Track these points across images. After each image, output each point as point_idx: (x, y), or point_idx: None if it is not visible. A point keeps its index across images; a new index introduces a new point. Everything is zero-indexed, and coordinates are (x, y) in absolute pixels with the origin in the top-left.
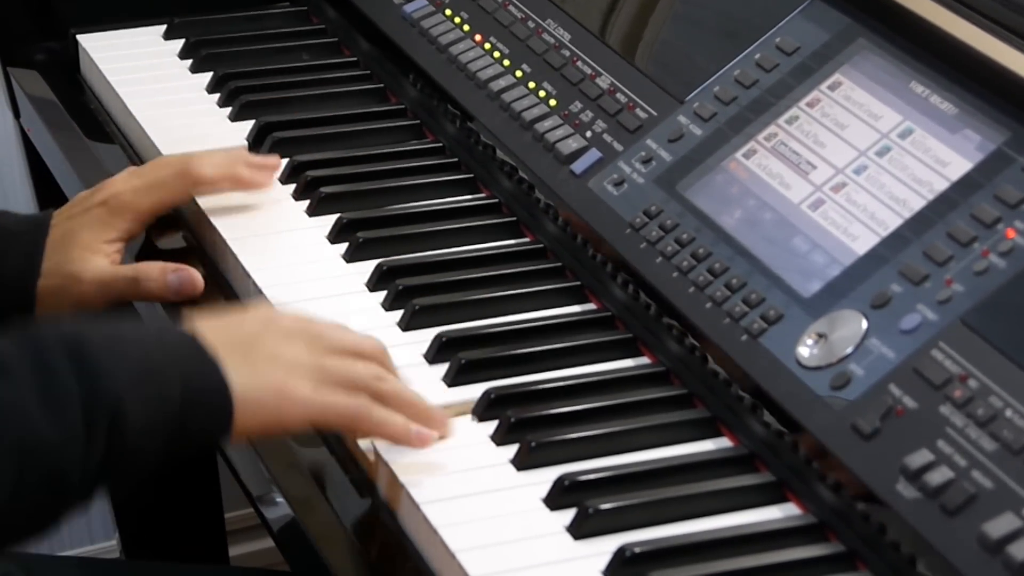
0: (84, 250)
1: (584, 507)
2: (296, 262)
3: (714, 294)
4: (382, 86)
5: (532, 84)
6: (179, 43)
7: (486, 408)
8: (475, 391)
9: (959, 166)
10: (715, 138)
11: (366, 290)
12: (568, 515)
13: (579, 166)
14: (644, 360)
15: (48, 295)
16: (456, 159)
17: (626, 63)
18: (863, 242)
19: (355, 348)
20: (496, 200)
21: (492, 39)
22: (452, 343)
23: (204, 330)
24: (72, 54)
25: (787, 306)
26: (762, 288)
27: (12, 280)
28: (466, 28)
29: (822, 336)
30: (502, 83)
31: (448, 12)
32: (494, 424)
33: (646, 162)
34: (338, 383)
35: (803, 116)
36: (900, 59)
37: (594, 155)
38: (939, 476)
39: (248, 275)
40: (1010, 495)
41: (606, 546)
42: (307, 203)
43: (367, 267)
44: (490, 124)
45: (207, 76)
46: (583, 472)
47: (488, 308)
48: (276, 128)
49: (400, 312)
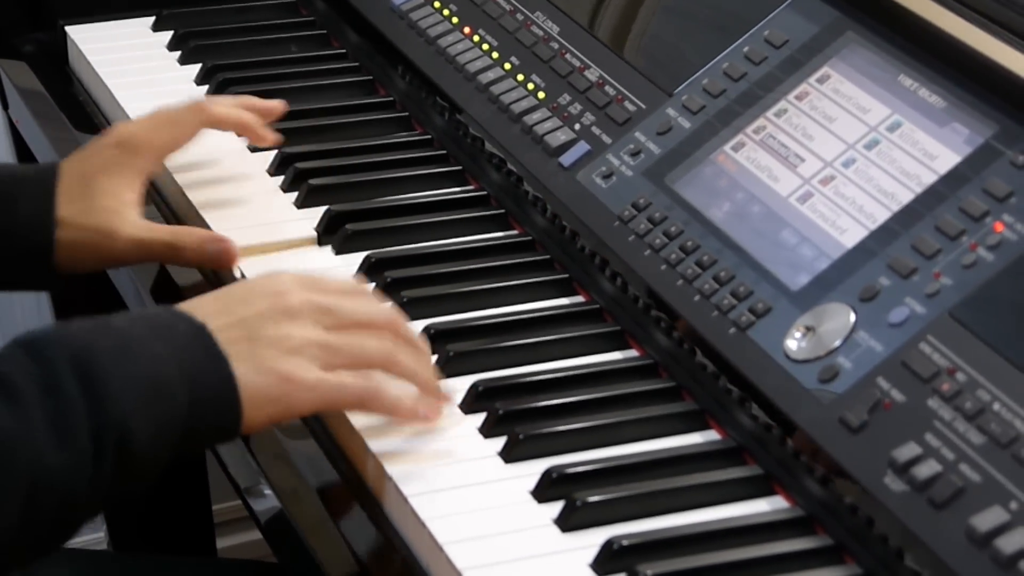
0: (111, 199)
1: (572, 500)
2: (284, 254)
3: (702, 287)
4: (371, 78)
5: (521, 76)
6: (168, 34)
7: (474, 400)
8: (463, 383)
9: (947, 159)
10: (704, 131)
11: None
12: (556, 508)
13: (568, 158)
14: (632, 353)
15: (77, 249)
16: (445, 151)
17: (615, 56)
18: (851, 235)
19: (366, 320)
20: (485, 192)
21: (481, 31)
22: (440, 335)
23: (210, 313)
24: (60, 45)
25: (775, 299)
26: (750, 281)
27: (25, 226)
28: (455, 20)
29: (810, 329)
30: (491, 75)
31: (437, 4)
32: (482, 416)
33: (635, 155)
34: (347, 362)
35: (792, 109)
36: (889, 52)
37: (583, 148)
38: (927, 469)
39: (237, 267)
40: (998, 488)
41: (594, 539)
42: (296, 195)
43: (356, 259)
44: (479, 116)
45: (196, 67)
46: (571, 465)
47: (476, 300)
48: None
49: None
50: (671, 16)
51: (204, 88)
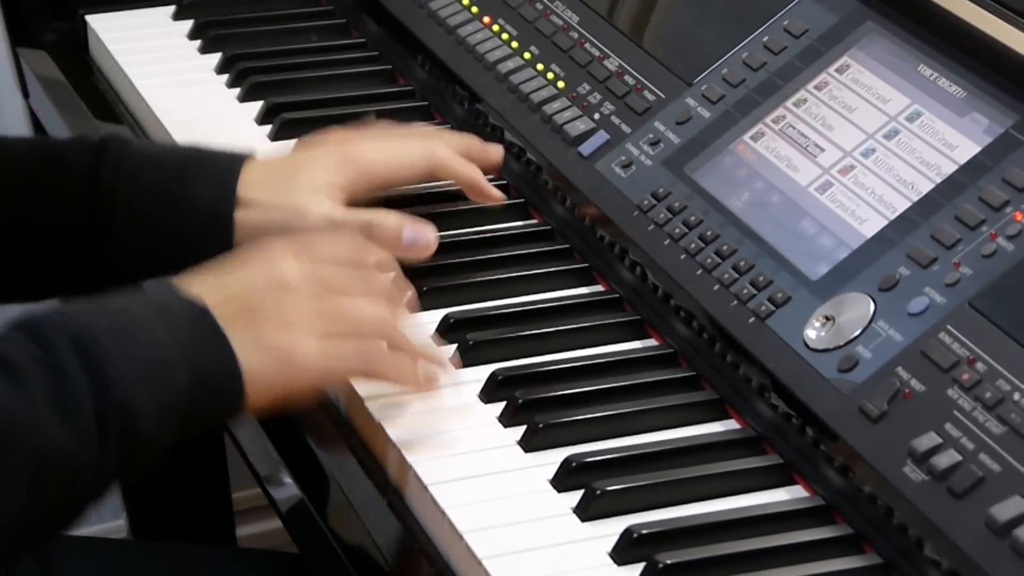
0: (310, 183)
1: (591, 488)
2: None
3: (722, 276)
4: (390, 67)
5: (540, 66)
6: (188, 24)
7: (494, 389)
8: (482, 372)
9: (967, 149)
10: (723, 120)
11: None
12: (575, 496)
13: (587, 148)
14: (652, 342)
15: (263, 230)
16: None
17: (634, 45)
18: (871, 225)
19: (361, 288)
20: (504, 181)
21: (500, 21)
22: (460, 324)
23: (206, 289)
24: (81, 35)
25: (795, 289)
26: (770, 271)
27: (206, 207)
28: (474, 10)
29: (829, 319)
30: (510, 65)
31: None
32: (502, 405)
33: (654, 144)
34: (344, 332)
35: (811, 99)
36: (908, 42)
37: (602, 137)
38: (946, 459)
39: None
40: (1018, 478)
41: (613, 527)
42: None
43: None
44: (498, 106)
45: (216, 57)
46: (590, 453)
47: (496, 289)
48: (284, 109)
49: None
50: (690, 6)
51: (224, 77)
